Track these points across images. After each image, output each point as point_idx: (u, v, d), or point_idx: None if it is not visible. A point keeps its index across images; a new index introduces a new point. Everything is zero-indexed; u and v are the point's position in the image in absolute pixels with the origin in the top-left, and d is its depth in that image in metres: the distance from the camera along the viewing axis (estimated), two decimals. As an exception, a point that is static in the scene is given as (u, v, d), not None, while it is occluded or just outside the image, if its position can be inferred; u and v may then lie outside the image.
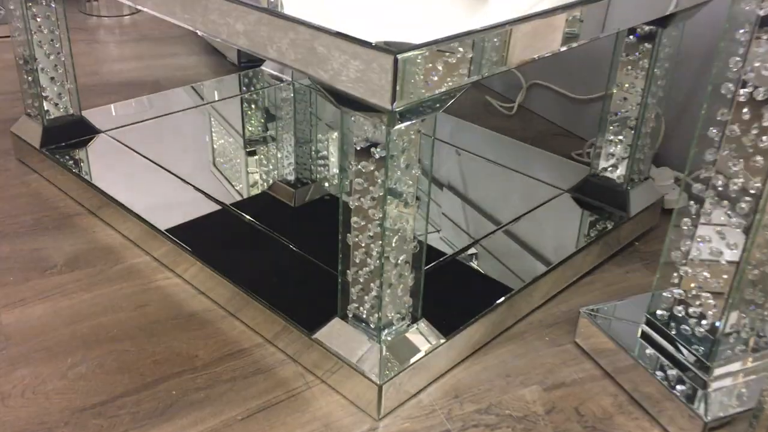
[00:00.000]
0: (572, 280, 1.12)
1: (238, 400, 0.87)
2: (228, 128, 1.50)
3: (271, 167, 1.35)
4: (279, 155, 1.39)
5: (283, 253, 1.07)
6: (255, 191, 1.27)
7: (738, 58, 0.78)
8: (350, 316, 0.88)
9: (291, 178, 1.30)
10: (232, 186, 1.26)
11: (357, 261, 0.84)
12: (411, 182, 0.79)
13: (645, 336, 0.94)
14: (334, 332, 0.89)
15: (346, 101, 0.74)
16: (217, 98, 1.61)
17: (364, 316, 0.86)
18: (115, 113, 1.47)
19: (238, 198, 1.23)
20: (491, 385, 0.92)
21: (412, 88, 0.68)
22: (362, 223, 0.81)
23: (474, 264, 1.08)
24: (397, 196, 0.79)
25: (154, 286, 1.06)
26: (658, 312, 0.94)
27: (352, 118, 0.76)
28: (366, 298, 0.85)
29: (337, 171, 1.35)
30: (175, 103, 1.56)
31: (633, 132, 1.16)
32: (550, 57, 0.85)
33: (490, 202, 1.25)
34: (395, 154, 0.76)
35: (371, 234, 0.81)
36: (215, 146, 1.42)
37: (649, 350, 0.93)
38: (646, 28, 1.09)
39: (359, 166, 0.78)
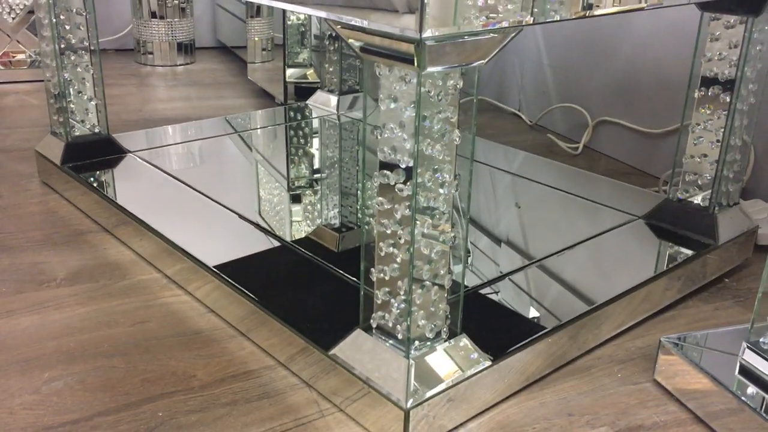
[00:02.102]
0: (649, 313, 0.93)
1: (236, 425, 0.72)
2: (264, 159, 1.39)
3: (307, 207, 1.20)
4: (317, 192, 1.25)
5: (312, 273, 0.93)
6: (287, 233, 1.11)
7: None
8: (374, 327, 0.72)
9: (335, 221, 1.14)
10: (261, 224, 1.12)
11: (382, 255, 0.68)
12: (448, 153, 0.65)
13: (745, 371, 0.75)
14: (354, 346, 0.73)
15: (370, 48, 0.62)
16: (257, 128, 1.51)
17: (391, 326, 0.70)
18: (147, 137, 1.38)
19: (267, 237, 1.09)
20: (549, 424, 0.74)
21: (448, 14, 0.55)
22: (388, 206, 0.66)
23: (533, 288, 0.91)
24: (431, 170, 0.64)
25: (160, 302, 0.93)
26: (762, 340, 0.75)
27: (378, 72, 0.63)
28: (393, 302, 0.69)
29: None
30: (212, 131, 1.46)
31: (720, 145, 0.99)
32: (619, 90, 0.71)
33: (556, 228, 1.09)
34: (428, 116, 0.62)
35: (399, 218, 0.66)
36: (249, 176, 1.30)
37: (752, 389, 0.74)
38: (733, 19, 0.94)
39: (385, 132, 0.64)
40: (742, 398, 0.72)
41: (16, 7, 2.02)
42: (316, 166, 1.35)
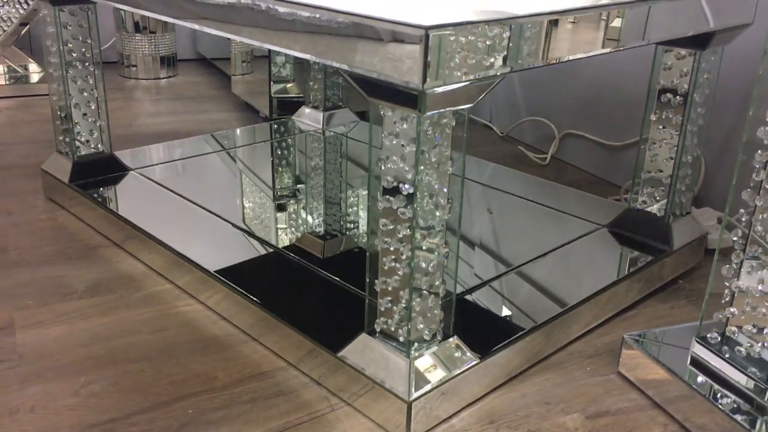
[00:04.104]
0: (613, 313, 1.06)
1: (258, 420, 0.82)
2: (256, 174, 1.49)
3: (297, 215, 1.31)
4: (308, 206, 1.36)
5: (311, 282, 1.03)
6: (282, 242, 1.21)
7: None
8: (378, 331, 0.83)
9: (320, 229, 1.25)
10: (258, 229, 1.22)
11: (385, 268, 0.79)
12: (443, 181, 0.76)
13: (696, 362, 0.87)
14: (360, 348, 0.84)
15: (376, 91, 0.72)
16: (246, 144, 1.61)
17: (393, 330, 0.81)
18: (145, 154, 1.47)
19: (267, 247, 1.19)
20: (529, 412, 0.85)
21: (445, 69, 0.66)
22: (391, 226, 0.77)
23: (511, 293, 1.03)
24: (428, 196, 0.75)
25: (175, 311, 1.02)
26: (709, 335, 0.87)
27: (382, 112, 0.74)
28: (394, 309, 0.80)
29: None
30: (206, 148, 1.55)
31: (673, 162, 1.12)
32: (583, 105, 0.82)
33: (528, 237, 1.21)
34: (426, 150, 0.73)
35: (401, 236, 0.77)
36: (242, 190, 1.40)
37: (702, 377, 0.86)
38: (683, 52, 1.07)
39: (388, 163, 0.75)
40: (693, 386, 0.84)
41: (3, 24, 2.08)
42: (311, 180, 1.45)
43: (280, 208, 1.33)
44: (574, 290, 1.02)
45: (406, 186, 0.74)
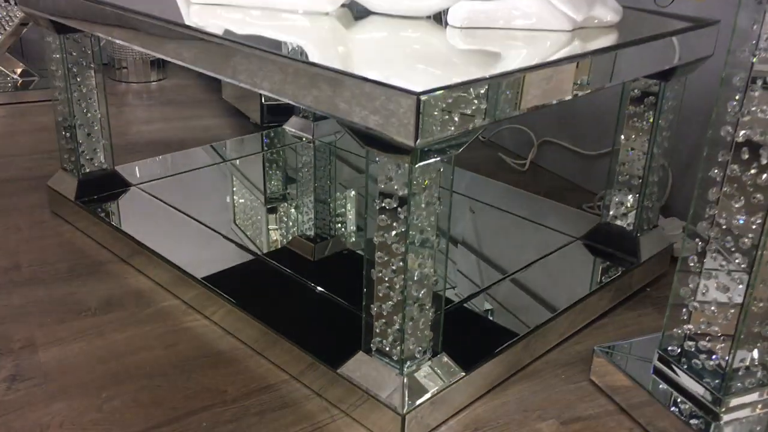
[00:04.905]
0: (586, 322, 1.15)
1: (267, 431, 0.91)
2: (251, 185, 1.57)
3: (290, 223, 1.41)
4: (299, 211, 1.45)
5: (308, 297, 1.12)
6: (275, 246, 1.31)
7: (735, 103, 0.84)
8: (374, 349, 0.92)
9: (310, 233, 1.35)
10: (254, 240, 1.31)
11: (380, 295, 0.88)
12: (432, 219, 0.85)
13: (658, 372, 0.97)
14: (358, 366, 0.93)
15: (372, 142, 0.81)
16: (241, 155, 1.69)
17: (387, 349, 0.90)
18: (145, 169, 1.54)
19: (260, 251, 1.28)
20: (509, 419, 0.95)
21: (433, 127, 0.74)
22: (385, 258, 0.86)
23: (491, 306, 1.12)
24: (419, 232, 0.84)
25: (184, 327, 1.11)
26: (670, 348, 0.97)
27: (377, 159, 0.82)
28: (389, 331, 0.89)
29: (359, 220, 1.41)
30: (202, 160, 1.63)
31: (641, 181, 1.21)
32: (560, 115, 0.91)
33: (506, 250, 1.30)
34: (417, 192, 0.82)
35: (394, 268, 0.85)
36: (238, 202, 1.48)
37: (663, 386, 0.96)
38: (649, 81, 1.16)
39: (383, 204, 0.84)
40: (654, 394, 0.94)
41: (-3, 31, 2.13)
42: (306, 190, 1.53)
43: (276, 220, 1.41)
44: (551, 302, 1.12)
45: (398, 224, 0.83)
